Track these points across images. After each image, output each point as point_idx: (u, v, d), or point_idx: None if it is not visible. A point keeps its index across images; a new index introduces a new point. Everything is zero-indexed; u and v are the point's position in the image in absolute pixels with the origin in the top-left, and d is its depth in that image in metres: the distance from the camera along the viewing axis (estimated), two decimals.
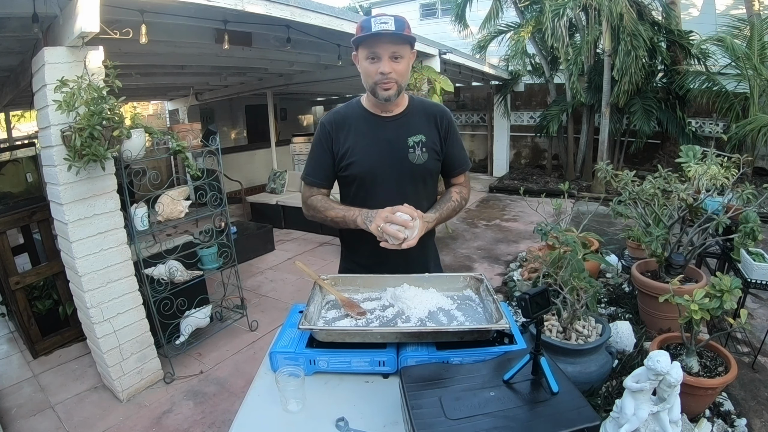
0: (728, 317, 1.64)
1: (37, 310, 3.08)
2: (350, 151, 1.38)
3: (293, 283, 4.21)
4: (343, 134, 1.39)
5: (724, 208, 2.06)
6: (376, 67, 1.28)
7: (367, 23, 1.25)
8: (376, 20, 1.23)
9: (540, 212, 2.32)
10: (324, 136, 1.41)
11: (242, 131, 9.88)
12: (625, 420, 0.92)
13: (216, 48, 3.39)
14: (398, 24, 1.24)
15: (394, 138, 1.38)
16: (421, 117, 1.42)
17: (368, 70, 1.30)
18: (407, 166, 1.39)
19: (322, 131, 1.42)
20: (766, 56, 5.71)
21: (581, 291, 1.46)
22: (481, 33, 8.58)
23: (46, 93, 2.05)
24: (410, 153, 1.38)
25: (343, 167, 1.40)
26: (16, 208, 3.05)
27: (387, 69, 1.27)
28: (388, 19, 1.23)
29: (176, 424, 2.34)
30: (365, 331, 1.12)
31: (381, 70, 1.27)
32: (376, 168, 1.38)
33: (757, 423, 1.75)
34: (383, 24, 1.23)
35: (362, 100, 1.44)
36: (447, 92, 4.56)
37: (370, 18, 1.25)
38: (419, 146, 1.39)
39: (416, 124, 1.41)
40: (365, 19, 1.27)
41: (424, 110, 1.44)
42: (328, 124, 1.41)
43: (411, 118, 1.41)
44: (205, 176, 2.87)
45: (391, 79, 1.28)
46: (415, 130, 1.40)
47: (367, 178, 1.39)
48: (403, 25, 1.25)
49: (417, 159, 1.39)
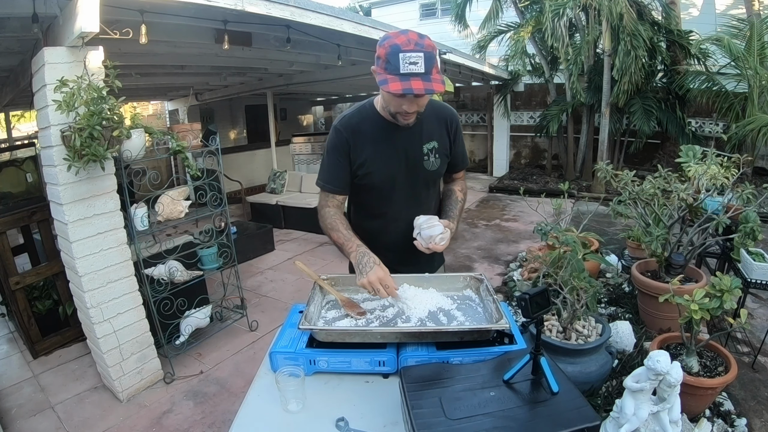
0: (728, 317, 1.64)
1: (37, 310, 3.08)
2: (368, 161, 1.39)
3: (293, 283, 4.21)
4: (360, 141, 1.38)
5: (724, 208, 2.06)
6: (399, 102, 1.23)
7: (394, 57, 1.12)
8: (405, 58, 1.11)
9: (540, 212, 2.32)
10: (341, 143, 1.38)
11: (242, 131, 9.88)
12: (625, 420, 0.92)
13: (216, 48, 3.39)
14: (428, 63, 1.13)
15: (410, 146, 1.40)
16: (433, 122, 1.43)
17: (389, 101, 1.27)
18: (422, 173, 1.43)
19: (338, 137, 1.38)
20: (765, 56, 5.71)
21: (581, 291, 1.46)
22: (481, 33, 8.58)
23: (46, 93, 2.05)
24: (425, 161, 1.42)
25: (360, 176, 1.41)
26: (16, 208, 3.05)
27: (412, 109, 1.24)
28: (418, 58, 1.11)
29: (176, 424, 2.34)
30: (365, 331, 1.12)
31: (405, 108, 1.24)
32: (393, 177, 1.41)
33: (757, 423, 1.74)
34: (413, 66, 1.12)
35: (375, 105, 1.40)
36: (447, 92, 4.56)
37: (398, 51, 1.12)
38: (433, 153, 1.43)
39: (429, 130, 1.42)
40: (394, 49, 1.13)
41: (436, 114, 1.44)
42: (345, 131, 1.38)
43: (424, 124, 1.40)
44: (205, 176, 2.86)
45: (413, 114, 1.27)
46: (428, 136, 1.42)
47: (385, 187, 1.42)
48: (432, 61, 1.14)
49: (431, 166, 1.43)
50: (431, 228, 1.35)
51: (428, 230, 1.35)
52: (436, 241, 1.33)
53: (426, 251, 1.35)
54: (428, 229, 1.35)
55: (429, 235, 1.34)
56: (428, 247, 1.34)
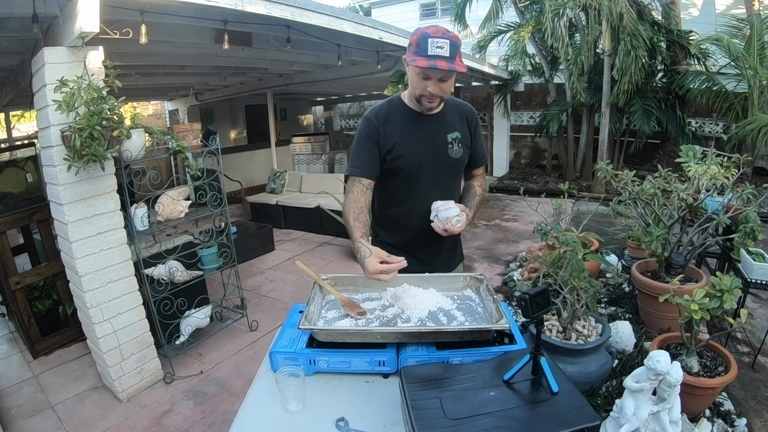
0: (728, 317, 1.64)
1: (37, 310, 3.08)
2: (397, 145, 1.47)
3: (293, 283, 4.21)
4: (389, 128, 1.47)
5: (724, 208, 2.06)
6: (424, 84, 1.35)
7: (424, 42, 1.27)
8: (433, 42, 1.25)
9: (540, 212, 2.32)
10: (371, 130, 1.47)
11: (242, 131, 9.88)
12: (625, 420, 0.92)
13: (216, 48, 3.39)
14: (453, 49, 1.27)
15: (435, 134, 1.49)
16: (455, 115, 1.54)
17: (416, 84, 1.38)
18: (447, 160, 1.51)
19: (368, 125, 1.48)
20: (765, 56, 5.70)
21: (581, 291, 1.46)
22: (481, 33, 8.58)
23: (46, 93, 2.05)
24: (449, 148, 1.51)
25: (389, 160, 1.48)
26: (16, 208, 3.05)
27: (436, 91, 1.36)
28: (444, 44, 1.26)
29: (176, 424, 2.34)
30: (365, 331, 1.12)
31: (430, 90, 1.35)
32: (421, 162, 1.48)
33: (757, 423, 1.74)
34: (439, 49, 1.25)
35: (403, 98, 1.51)
36: None
37: (428, 37, 1.26)
38: (456, 142, 1.52)
39: (452, 121, 1.53)
40: (423, 35, 1.28)
41: (458, 109, 1.56)
42: (374, 119, 1.48)
43: (448, 116, 1.52)
44: (205, 176, 2.86)
45: (436, 97, 1.38)
46: (452, 127, 1.52)
47: (413, 171, 1.49)
48: (457, 49, 1.29)
49: (455, 154, 1.52)
50: (448, 210, 1.39)
51: (445, 212, 1.39)
52: (453, 223, 1.37)
53: (443, 233, 1.40)
54: (445, 212, 1.39)
55: (446, 217, 1.38)
56: (445, 229, 1.38)
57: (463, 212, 1.40)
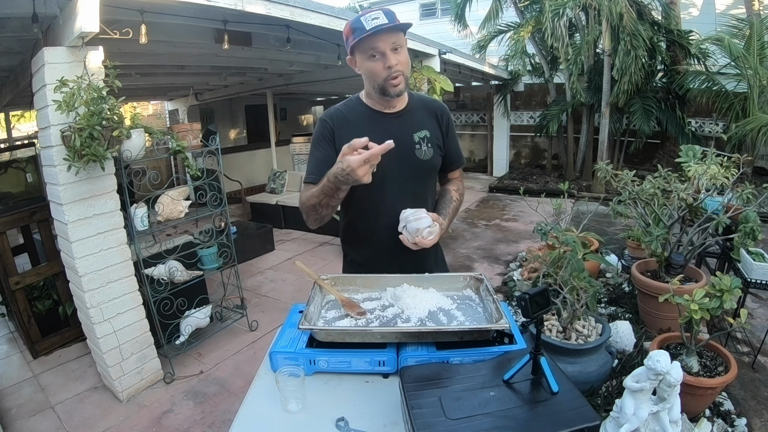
0: (728, 317, 1.64)
1: (37, 310, 3.08)
2: None
3: (293, 283, 4.21)
4: (346, 131, 1.31)
5: (724, 207, 2.06)
6: (380, 63, 1.24)
7: (358, 23, 1.22)
8: (367, 18, 1.21)
9: (540, 212, 2.32)
10: (326, 132, 1.35)
11: (242, 131, 9.88)
12: (625, 420, 0.92)
13: (216, 48, 3.39)
14: (389, 16, 1.22)
15: (399, 134, 1.30)
16: (423, 112, 1.41)
17: (373, 69, 1.26)
18: (415, 162, 1.36)
19: (324, 127, 1.35)
20: (765, 56, 5.71)
21: (581, 291, 1.46)
22: (480, 33, 8.58)
23: (45, 93, 2.05)
24: (417, 149, 1.36)
25: None
26: (16, 208, 3.05)
27: (393, 61, 1.24)
28: (377, 14, 1.21)
29: (176, 424, 2.34)
30: (365, 331, 1.12)
31: (388, 64, 1.24)
32: (384, 165, 1.24)
33: (757, 423, 1.74)
34: (375, 20, 1.20)
35: (362, 97, 1.39)
36: (447, 92, 4.56)
37: (359, 17, 1.22)
38: (425, 142, 1.38)
39: (419, 119, 1.39)
40: (354, 19, 1.24)
41: (425, 106, 1.43)
42: (330, 120, 1.36)
43: (414, 114, 1.39)
44: (205, 176, 2.86)
45: (398, 71, 1.26)
46: (419, 125, 1.38)
47: (376, 176, 1.23)
48: (393, 16, 1.22)
49: (423, 155, 1.37)
50: (418, 220, 1.23)
51: (414, 223, 1.23)
52: (423, 235, 1.21)
53: (413, 247, 1.24)
54: (414, 222, 1.23)
55: (415, 228, 1.22)
56: (415, 242, 1.23)
57: (435, 222, 1.25)
